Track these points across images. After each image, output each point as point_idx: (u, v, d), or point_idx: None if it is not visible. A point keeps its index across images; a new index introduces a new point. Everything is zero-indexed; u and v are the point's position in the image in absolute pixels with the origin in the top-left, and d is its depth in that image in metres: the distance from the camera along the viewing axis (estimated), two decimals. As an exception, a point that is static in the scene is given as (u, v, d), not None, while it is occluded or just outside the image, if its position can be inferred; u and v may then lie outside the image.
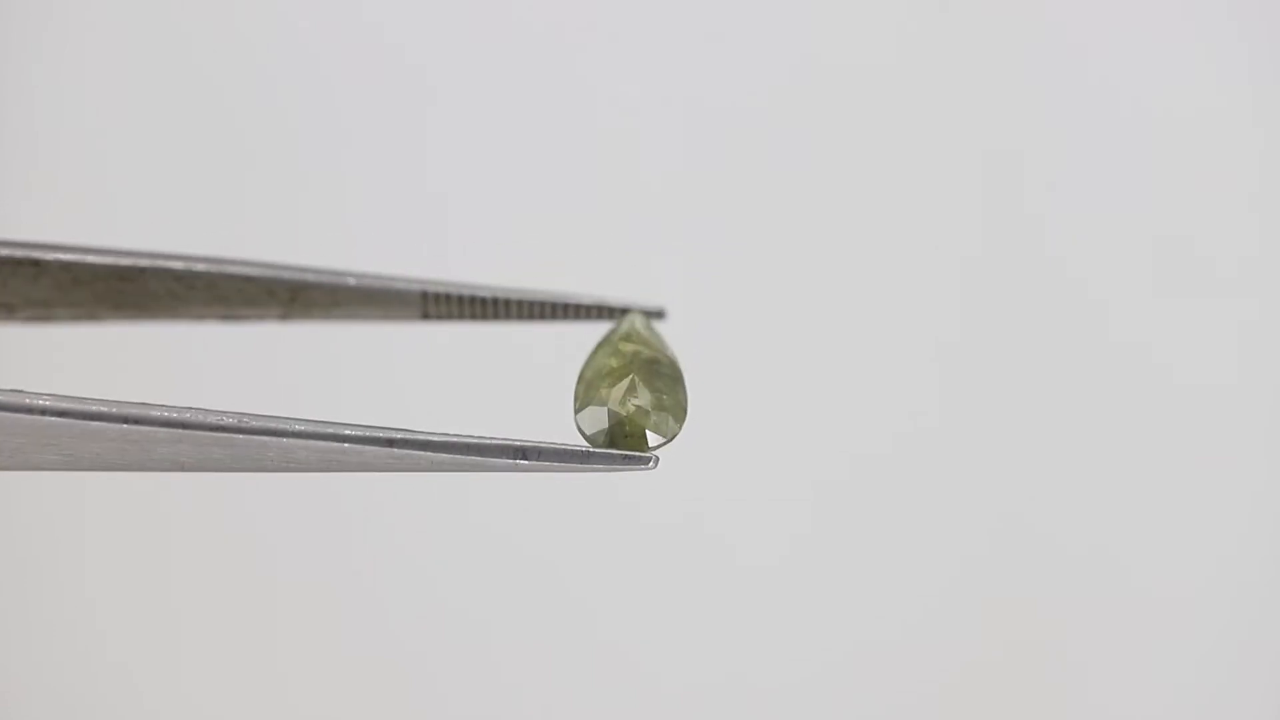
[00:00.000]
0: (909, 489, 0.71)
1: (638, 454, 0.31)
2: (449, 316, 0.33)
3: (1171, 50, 0.70)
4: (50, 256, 0.34)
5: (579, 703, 0.70)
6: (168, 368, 0.67)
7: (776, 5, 0.70)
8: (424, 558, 0.70)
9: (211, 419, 0.28)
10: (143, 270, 0.34)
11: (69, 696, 0.69)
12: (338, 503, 0.69)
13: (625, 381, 0.31)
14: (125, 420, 0.28)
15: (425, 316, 0.33)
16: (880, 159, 0.70)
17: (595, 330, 0.33)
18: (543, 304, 0.32)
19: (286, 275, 0.34)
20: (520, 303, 0.32)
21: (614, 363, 0.31)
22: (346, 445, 0.28)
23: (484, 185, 0.68)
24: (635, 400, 0.31)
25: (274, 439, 0.28)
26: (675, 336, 0.34)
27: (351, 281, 0.34)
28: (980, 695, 0.71)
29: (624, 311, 0.33)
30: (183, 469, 0.28)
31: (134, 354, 0.65)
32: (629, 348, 0.32)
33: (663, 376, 0.31)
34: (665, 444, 0.31)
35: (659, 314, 0.33)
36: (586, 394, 0.31)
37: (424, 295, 0.33)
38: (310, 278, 0.34)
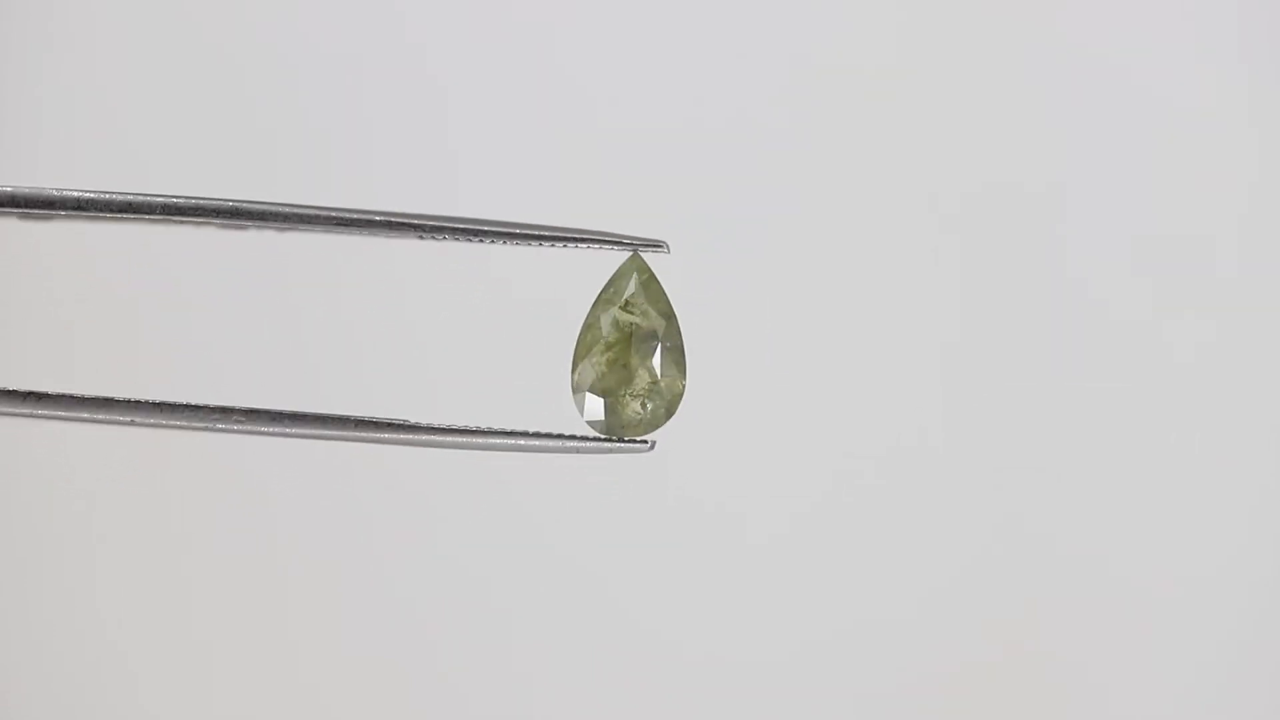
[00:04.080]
0: (909, 489, 0.71)
1: (635, 441, 0.32)
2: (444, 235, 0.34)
3: (1175, 52, 0.70)
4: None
5: (584, 692, 0.70)
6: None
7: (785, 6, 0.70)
8: (429, 544, 0.70)
9: None
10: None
11: (71, 690, 0.69)
12: (348, 494, 0.69)
13: (624, 375, 0.32)
14: None
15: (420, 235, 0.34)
16: (879, 160, 0.70)
17: (597, 259, 0.33)
18: (542, 234, 0.32)
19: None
20: (519, 231, 0.32)
21: (612, 337, 0.32)
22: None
23: (493, 128, 0.68)
24: (633, 400, 0.32)
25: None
26: (686, 332, 0.34)
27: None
28: (979, 696, 0.70)
29: (625, 244, 0.33)
30: None
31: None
32: (626, 319, 0.32)
33: (665, 352, 0.32)
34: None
35: (660, 247, 0.32)
36: (582, 379, 0.32)
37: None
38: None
